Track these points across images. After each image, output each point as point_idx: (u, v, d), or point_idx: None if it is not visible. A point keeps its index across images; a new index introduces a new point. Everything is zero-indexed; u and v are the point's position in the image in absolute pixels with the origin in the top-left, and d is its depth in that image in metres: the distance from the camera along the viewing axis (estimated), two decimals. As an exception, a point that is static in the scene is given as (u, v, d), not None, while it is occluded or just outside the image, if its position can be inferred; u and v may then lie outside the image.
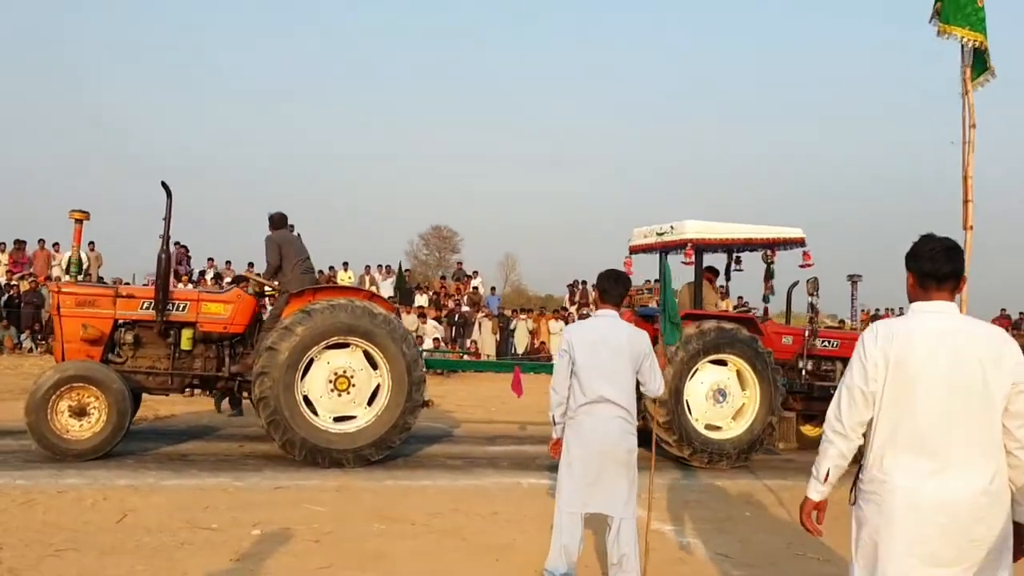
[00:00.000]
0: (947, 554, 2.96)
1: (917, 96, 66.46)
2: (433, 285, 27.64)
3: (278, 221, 9.66)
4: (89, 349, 8.72)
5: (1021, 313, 28.26)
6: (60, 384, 8.15)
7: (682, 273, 11.02)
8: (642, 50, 76.64)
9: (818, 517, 3.41)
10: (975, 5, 5.63)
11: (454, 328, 23.07)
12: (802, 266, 10.46)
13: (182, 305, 8.96)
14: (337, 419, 8.76)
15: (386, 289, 25.66)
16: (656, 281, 11.63)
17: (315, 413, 8.70)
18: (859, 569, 3.17)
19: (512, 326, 23.51)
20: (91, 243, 24.48)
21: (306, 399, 8.67)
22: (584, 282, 26.79)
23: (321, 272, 25.73)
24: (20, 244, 23.18)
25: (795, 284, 11.21)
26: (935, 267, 3.12)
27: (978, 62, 5.85)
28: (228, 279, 21.75)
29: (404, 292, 25.60)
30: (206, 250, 26.42)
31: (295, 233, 9.95)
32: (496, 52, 76.80)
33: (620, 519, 4.88)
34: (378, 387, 8.86)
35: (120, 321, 8.92)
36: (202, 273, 24.52)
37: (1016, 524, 3.05)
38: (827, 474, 3.27)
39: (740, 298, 18.32)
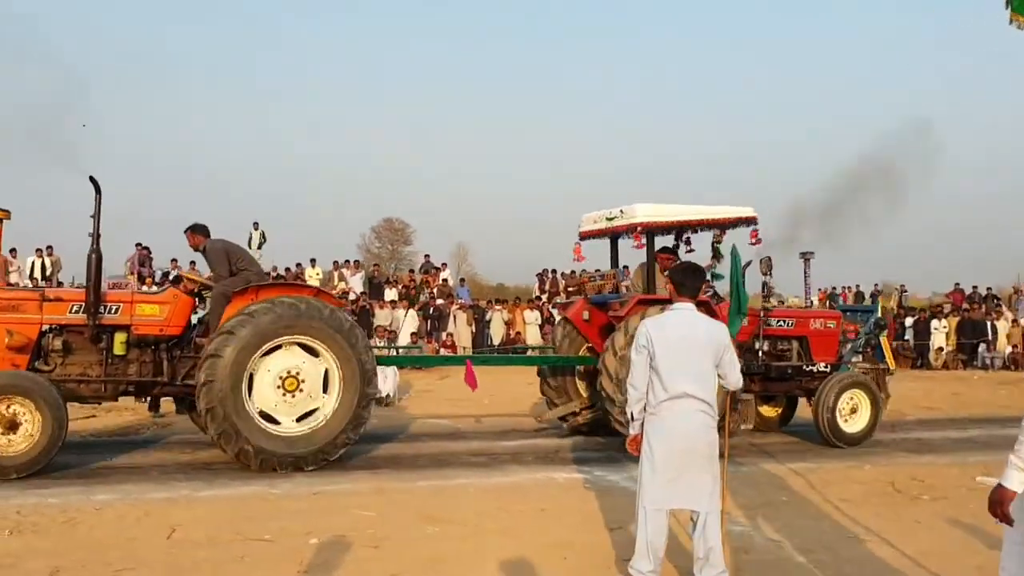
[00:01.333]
0: None
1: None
2: (402, 279, 27.41)
3: (206, 229, 9.24)
4: (14, 357, 8.15)
5: (975, 287, 29.13)
6: None
7: (636, 257, 10.99)
8: (601, 39, 76.73)
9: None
10: None
11: (429, 321, 22.95)
12: (752, 244, 10.38)
13: (114, 307, 8.47)
14: (301, 418, 8.48)
15: (356, 284, 25.44)
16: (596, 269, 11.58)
17: (275, 422, 8.40)
18: None
19: (488, 317, 23.45)
20: (49, 247, 23.87)
21: (263, 414, 8.35)
22: (554, 271, 26.77)
23: (288, 270, 25.39)
24: (-25, 251, 22.47)
25: (748, 264, 10.73)
26: None
27: None
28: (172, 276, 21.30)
29: (373, 287, 25.41)
30: (170, 251, 25.73)
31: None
32: (448, 45, 76.22)
33: (706, 513, 4.88)
34: (327, 373, 8.59)
35: (47, 326, 8.36)
36: (166, 275, 23.97)
37: None
38: None
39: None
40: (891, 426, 12.50)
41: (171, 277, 23.43)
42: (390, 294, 24.38)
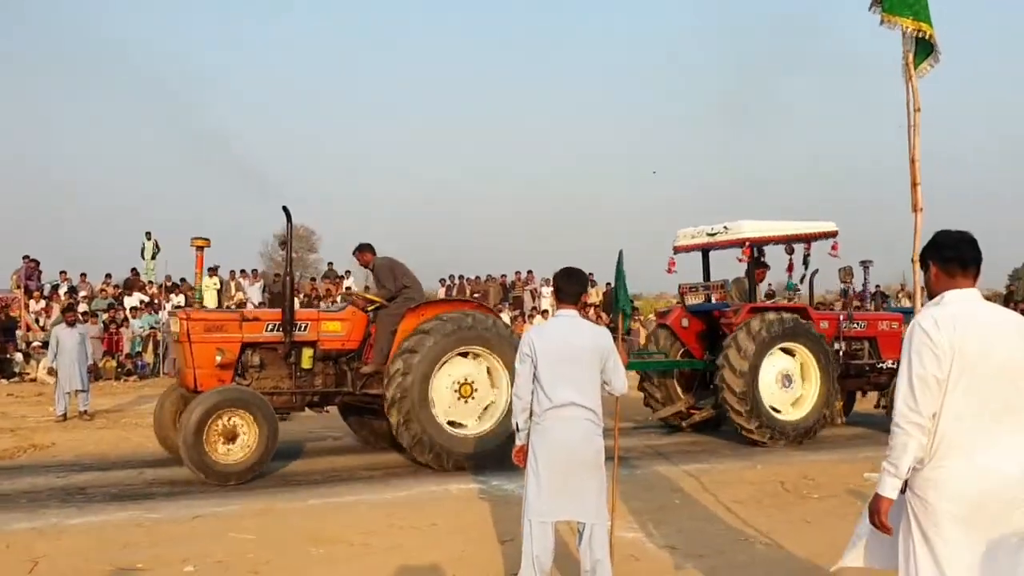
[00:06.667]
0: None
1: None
2: (304, 287, 26.80)
3: (373, 248, 9.96)
4: (220, 374, 8.83)
5: (903, 285, 29.76)
6: (209, 413, 8.19)
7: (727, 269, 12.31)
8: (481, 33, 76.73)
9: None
10: None
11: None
12: (832, 255, 11.37)
13: (304, 325, 9.22)
14: (449, 423, 9.18)
15: (254, 294, 24.77)
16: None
17: (462, 426, 9.23)
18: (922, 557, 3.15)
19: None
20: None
21: (451, 423, 9.19)
22: (462, 276, 26.62)
23: (183, 280, 24.58)
24: None
25: (815, 272, 12.01)
26: (959, 253, 3.26)
27: (921, 49, 6.05)
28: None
29: (274, 296, 24.77)
30: (59, 263, 24.63)
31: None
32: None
33: (592, 525, 4.77)
34: (491, 404, 9.39)
35: (246, 344, 9.04)
36: (55, 287, 22.90)
37: None
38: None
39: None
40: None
41: (60, 290, 22.46)
42: (291, 303, 23.78)
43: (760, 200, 56.00)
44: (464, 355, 9.29)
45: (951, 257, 3.26)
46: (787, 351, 11.08)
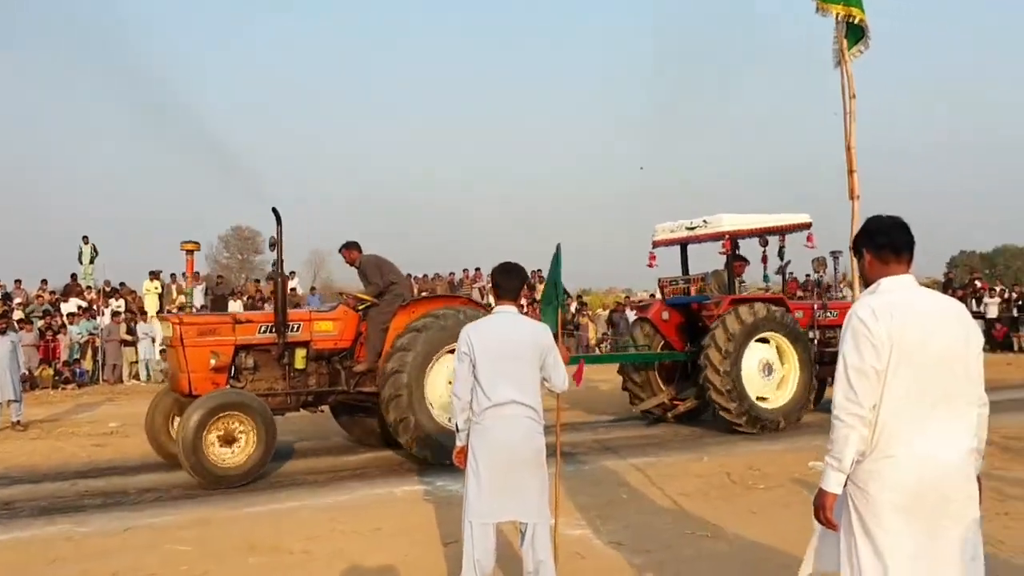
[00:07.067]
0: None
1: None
2: (248, 289, 26.31)
3: (359, 246, 9.98)
4: (215, 377, 8.80)
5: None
6: (209, 416, 8.12)
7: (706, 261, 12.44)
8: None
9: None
10: None
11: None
12: (807, 246, 11.70)
13: (296, 326, 9.21)
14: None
15: (196, 296, 24.24)
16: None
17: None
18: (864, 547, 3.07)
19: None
20: None
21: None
22: (409, 274, 26.32)
23: (123, 284, 24.03)
24: None
25: (788, 263, 12.29)
26: (891, 239, 3.19)
27: (853, 33, 6.05)
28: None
29: (217, 299, 24.28)
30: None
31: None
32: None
33: (534, 525, 4.66)
34: None
35: (239, 346, 8.99)
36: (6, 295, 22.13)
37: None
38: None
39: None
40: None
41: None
42: (234, 306, 23.32)
43: (742, 197, 56.93)
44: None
45: (884, 243, 3.20)
46: (767, 341, 11.35)
